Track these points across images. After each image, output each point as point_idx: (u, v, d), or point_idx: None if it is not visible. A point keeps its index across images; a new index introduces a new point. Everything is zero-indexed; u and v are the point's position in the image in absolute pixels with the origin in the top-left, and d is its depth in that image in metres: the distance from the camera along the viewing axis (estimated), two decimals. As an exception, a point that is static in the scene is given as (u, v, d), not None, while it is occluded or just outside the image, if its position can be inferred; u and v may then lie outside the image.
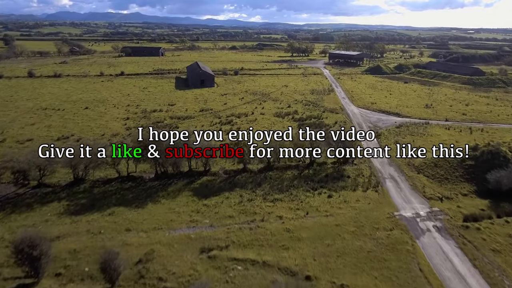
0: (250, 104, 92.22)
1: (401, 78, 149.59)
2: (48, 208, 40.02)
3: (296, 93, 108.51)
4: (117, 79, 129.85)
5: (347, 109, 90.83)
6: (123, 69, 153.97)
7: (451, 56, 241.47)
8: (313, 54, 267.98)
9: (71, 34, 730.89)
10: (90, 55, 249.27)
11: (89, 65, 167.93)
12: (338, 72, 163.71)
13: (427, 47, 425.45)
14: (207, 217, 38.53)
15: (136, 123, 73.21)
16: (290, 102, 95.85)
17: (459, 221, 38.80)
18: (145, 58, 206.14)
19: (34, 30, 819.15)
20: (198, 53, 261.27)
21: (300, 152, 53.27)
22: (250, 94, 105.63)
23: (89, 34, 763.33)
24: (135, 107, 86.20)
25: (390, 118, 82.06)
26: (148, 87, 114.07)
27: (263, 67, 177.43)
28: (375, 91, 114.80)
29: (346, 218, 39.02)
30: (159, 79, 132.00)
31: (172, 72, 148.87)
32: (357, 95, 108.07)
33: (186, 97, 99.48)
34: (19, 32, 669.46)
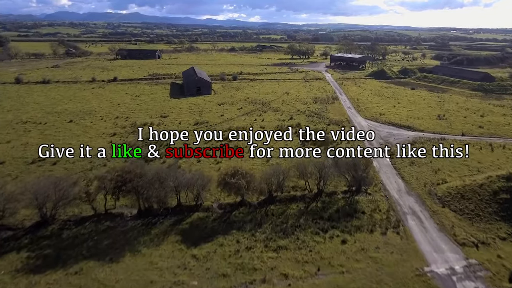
0: (249, 116, 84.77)
1: (407, 83, 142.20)
2: (3, 262, 32.62)
3: (298, 102, 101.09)
4: (109, 85, 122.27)
5: (354, 121, 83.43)
6: (117, 73, 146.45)
7: (456, 59, 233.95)
8: (314, 57, 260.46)
9: (69, 35, 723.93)
10: (85, 58, 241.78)
11: (82, 69, 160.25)
12: (341, 77, 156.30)
13: (429, 48, 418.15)
14: (196, 276, 31.13)
15: (123, 140, 65.75)
16: (292, 112, 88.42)
17: (504, 281, 31.50)
18: (141, 61, 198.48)
19: (33, 31, 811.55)
20: (196, 55, 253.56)
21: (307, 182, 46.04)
22: (249, 103, 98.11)
23: (88, 35, 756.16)
24: (125, 120, 78.64)
25: (401, 133, 74.69)
26: (141, 95, 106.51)
27: (263, 71, 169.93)
28: (382, 99, 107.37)
29: (365, 275, 31.67)
30: (154, 85, 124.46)
31: (168, 77, 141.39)
32: (363, 104, 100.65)
33: (180, 107, 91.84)
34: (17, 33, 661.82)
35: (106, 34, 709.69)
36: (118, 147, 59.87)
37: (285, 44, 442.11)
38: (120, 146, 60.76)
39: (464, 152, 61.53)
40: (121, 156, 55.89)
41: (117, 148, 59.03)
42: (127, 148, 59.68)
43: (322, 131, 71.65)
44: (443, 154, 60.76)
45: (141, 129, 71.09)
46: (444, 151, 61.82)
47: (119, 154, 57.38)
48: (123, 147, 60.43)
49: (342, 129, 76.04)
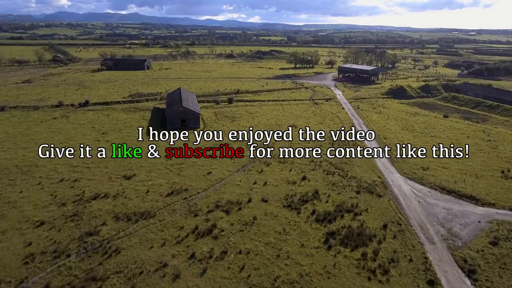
0: (246, 174, 60.59)
1: (434, 106, 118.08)
2: None
3: (311, 142, 77.10)
4: (76, 113, 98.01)
5: (390, 182, 59.06)
6: (93, 93, 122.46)
7: (474, 69, 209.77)
8: (319, 65, 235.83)
9: (66, 36, 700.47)
10: (71, 64, 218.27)
11: (55, 86, 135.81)
12: (354, 96, 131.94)
13: (436, 52, 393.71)
14: None
15: (49, 241, 41.40)
16: (304, 165, 64.31)
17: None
18: (127, 74, 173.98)
19: (29, 32, 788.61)
20: (191, 64, 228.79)
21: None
22: (247, 147, 73.90)
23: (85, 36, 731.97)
24: (68, 188, 53.98)
25: (466, 210, 50.59)
26: (110, 131, 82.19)
27: (264, 86, 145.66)
28: (415, 137, 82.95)
29: None
30: (131, 112, 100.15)
31: (152, 98, 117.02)
32: (393, 143, 76.60)
33: (154, 162, 66.16)
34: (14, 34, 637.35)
35: (103, 35, 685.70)
36: (118, 147, 63.34)
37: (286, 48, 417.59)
38: (120, 146, 63.42)
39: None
40: (121, 156, 58.26)
41: (117, 148, 62.38)
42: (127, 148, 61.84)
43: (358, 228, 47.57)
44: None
45: (90, 205, 47.16)
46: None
47: (119, 154, 59.98)
48: (123, 147, 63.16)
49: (376, 197, 52.09)
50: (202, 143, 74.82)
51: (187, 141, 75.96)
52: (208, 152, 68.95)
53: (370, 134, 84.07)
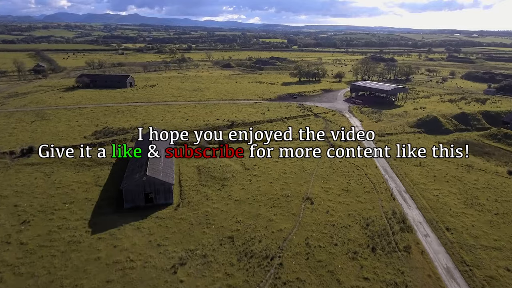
0: None
1: (481, 148, 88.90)
2: None
3: (338, 247, 47.87)
4: (8, 171, 69.38)
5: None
6: (50, 128, 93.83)
7: (501, 85, 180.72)
8: (326, 78, 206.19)
9: (63, 38, 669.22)
10: (47, 80, 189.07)
11: (8, 117, 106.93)
12: (377, 131, 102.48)
13: (447, 59, 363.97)
14: None
15: None
16: None
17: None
18: (104, 94, 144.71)
19: (26, 34, 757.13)
20: (181, 78, 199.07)
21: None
22: (240, 259, 44.75)
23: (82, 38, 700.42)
24: None
25: None
26: (35, 217, 53.00)
27: (264, 114, 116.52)
28: (492, 225, 53.20)
29: None
30: (84, 169, 70.74)
31: (121, 139, 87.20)
32: (467, 243, 47.66)
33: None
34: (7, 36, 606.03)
35: (100, 38, 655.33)
36: (118, 146, 68.05)
37: (287, 53, 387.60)
38: (120, 146, 68.48)
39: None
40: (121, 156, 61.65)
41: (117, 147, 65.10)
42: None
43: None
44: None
45: None
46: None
47: (119, 153, 64.43)
48: (123, 147, 68.17)
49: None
50: (175, 237, 45.69)
51: (150, 239, 46.95)
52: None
53: (425, 220, 55.00)
